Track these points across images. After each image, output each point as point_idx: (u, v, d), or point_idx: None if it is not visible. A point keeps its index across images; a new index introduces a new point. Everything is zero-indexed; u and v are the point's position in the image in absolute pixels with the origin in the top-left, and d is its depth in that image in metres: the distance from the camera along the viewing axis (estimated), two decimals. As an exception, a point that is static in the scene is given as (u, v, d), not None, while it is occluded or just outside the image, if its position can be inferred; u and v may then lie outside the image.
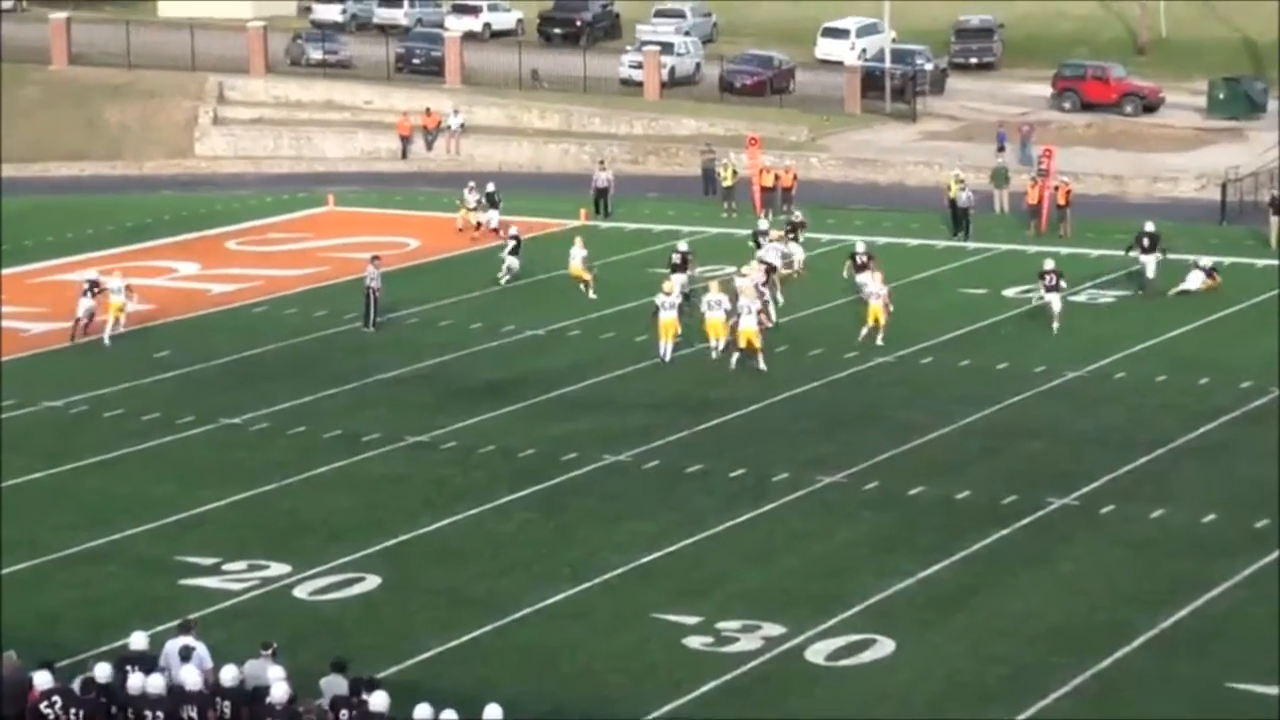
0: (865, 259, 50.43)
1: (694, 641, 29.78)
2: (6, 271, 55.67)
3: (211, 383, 44.55)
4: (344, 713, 24.43)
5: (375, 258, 49.84)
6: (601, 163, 64.40)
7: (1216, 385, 43.32)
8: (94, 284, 48.58)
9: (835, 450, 39.09)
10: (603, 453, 39.00)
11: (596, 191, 61.42)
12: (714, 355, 45.59)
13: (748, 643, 29.75)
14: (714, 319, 45.52)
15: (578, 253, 52.33)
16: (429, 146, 74.11)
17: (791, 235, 53.80)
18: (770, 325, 46.33)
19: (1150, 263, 51.78)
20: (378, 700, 24.38)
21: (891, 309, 46.71)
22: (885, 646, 29.61)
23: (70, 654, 27.35)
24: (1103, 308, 50.95)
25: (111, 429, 41.06)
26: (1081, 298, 51.64)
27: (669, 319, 45.44)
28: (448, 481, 37.58)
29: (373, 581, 32.16)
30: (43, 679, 25.03)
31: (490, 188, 59.99)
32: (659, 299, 45.87)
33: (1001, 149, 67.51)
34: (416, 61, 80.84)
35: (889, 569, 32.65)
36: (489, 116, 76.04)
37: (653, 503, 36.27)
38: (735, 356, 44.91)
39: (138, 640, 26.16)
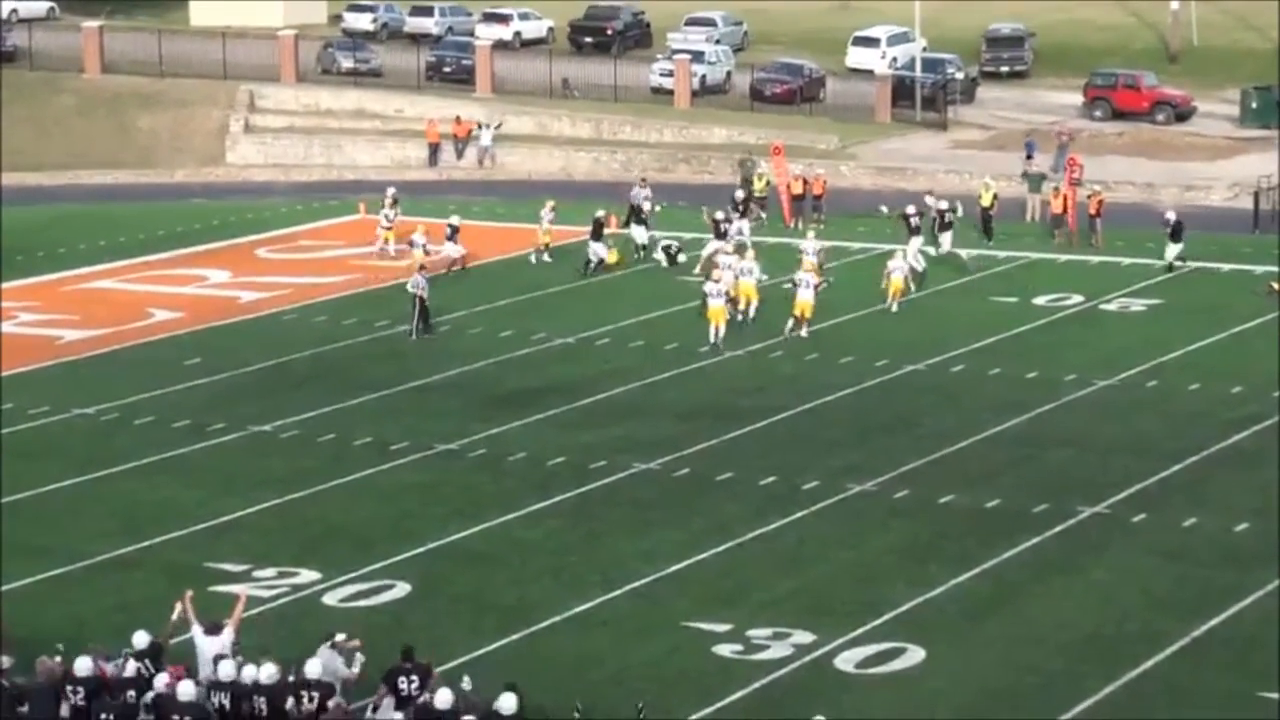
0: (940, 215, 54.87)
1: (724, 649, 29.75)
2: (39, 279, 55.94)
3: (242, 390, 44.63)
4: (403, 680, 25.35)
5: (422, 266, 50.19)
6: (643, 180, 63.61)
7: (1249, 394, 43.17)
8: (455, 229, 55.52)
9: (865, 458, 39.05)
10: (632, 460, 38.99)
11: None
12: (739, 319, 48.18)
13: (778, 650, 29.72)
14: (746, 284, 48.78)
15: (546, 214, 56.54)
16: (459, 155, 74.18)
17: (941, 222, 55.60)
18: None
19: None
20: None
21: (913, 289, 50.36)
22: (915, 655, 29.56)
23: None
24: (1134, 316, 50.83)
25: (142, 436, 41.15)
26: (1113, 306, 51.57)
27: (717, 306, 47.20)
28: (477, 489, 37.60)
29: (402, 589, 32.17)
30: (83, 664, 25.37)
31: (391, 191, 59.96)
32: (708, 287, 47.63)
33: (1030, 157, 67.38)
34: (447, 70, 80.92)
35: (919, 577, 32.59)
36: (519, 125, 76.12)
37: (682, 510, 36.26)
38: (790, 324, 47.82)
39: (140, 639, 26.48)
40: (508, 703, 24.41)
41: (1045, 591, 32.26)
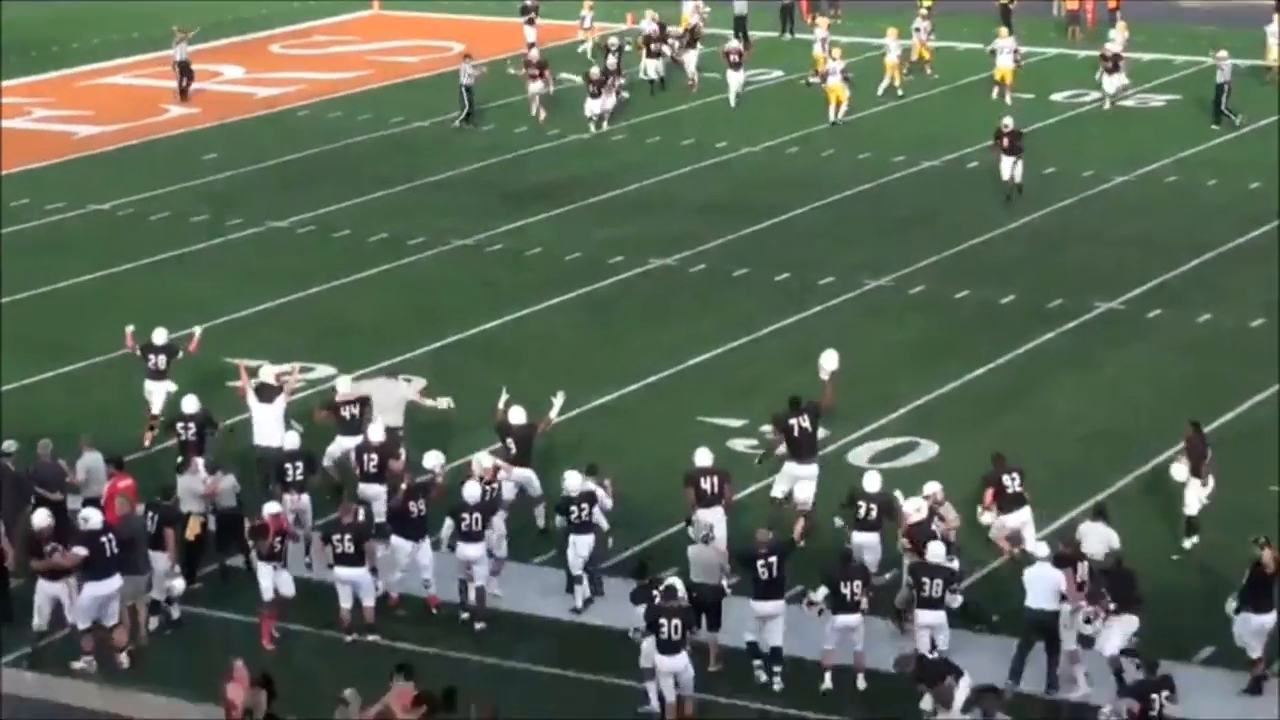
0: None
1: (738, 444, 29.92)
2: (54, 74, 55.78)
3: (257, 185, 44.60)
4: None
5: (467, 55, 49.96)
6: None
7: (1266, 190, 43.02)
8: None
9: (881, 254, 39.04)
10: (649, 256, 39.01)
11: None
12: (833, 121, 49.21)
13: (792, 445, 29.80)
14: (834, 84, 49.55)
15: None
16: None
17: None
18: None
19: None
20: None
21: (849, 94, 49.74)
22: (929, 449, 29.76)
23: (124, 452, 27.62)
24: (1152, 111, 50.55)
25: (158, 232, 41.19)
26: (1131, 101, 51.25)
27: (835, 84, 49.14)
28: (495, 284, 37.67)
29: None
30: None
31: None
32: (830, 65, 49.61)
33: None
34: None
35: (933, 372, 32.71)
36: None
37: (698, 306, 36.34)
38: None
39: (159, 335, 29.52)
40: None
41: (1058, 386, 32.38)
